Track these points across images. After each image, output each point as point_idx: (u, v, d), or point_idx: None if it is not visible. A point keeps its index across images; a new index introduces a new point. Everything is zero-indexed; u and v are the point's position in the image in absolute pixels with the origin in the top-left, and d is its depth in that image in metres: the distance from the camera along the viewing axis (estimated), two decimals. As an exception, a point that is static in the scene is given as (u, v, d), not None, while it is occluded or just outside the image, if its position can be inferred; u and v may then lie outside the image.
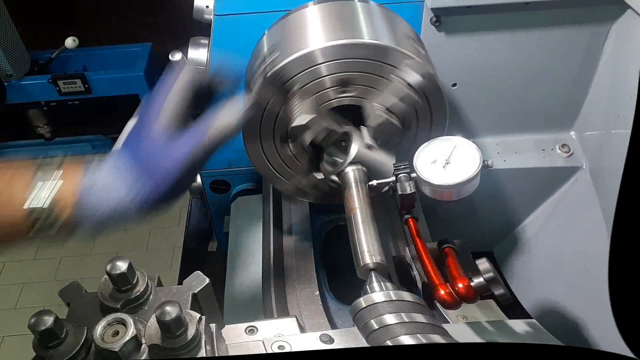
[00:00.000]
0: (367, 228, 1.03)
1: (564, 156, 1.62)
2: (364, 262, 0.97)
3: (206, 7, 1.42)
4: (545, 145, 1.65)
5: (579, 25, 1.40)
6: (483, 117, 1.61)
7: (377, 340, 0.83)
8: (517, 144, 1.66)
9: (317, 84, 1.10)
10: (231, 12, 1.32)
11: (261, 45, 1.24)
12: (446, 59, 1.45)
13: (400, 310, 0.86)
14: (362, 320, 0.88)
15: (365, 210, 1.06)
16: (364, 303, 0.89)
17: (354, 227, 1.04)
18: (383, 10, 1.24)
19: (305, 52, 1.07)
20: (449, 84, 1.50)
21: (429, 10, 1.35)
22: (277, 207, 1.53)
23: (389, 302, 0.87)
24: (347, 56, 1.08)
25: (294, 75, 1.09)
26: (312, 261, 1.38)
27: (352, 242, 1.02)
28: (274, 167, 1.26)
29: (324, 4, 1.21)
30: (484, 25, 1.39)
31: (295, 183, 1.29)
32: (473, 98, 1.55)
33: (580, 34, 1.42)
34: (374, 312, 0.87)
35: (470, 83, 1.51)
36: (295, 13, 1.23)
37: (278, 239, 1.46)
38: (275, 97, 1.11)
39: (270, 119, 1.15)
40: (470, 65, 1.48)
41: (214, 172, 1.69)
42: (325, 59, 1.08)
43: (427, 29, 1.38)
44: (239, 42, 1.34)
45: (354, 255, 1.01)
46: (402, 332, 0.81)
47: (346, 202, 1.09)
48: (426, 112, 1.19)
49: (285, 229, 1.49)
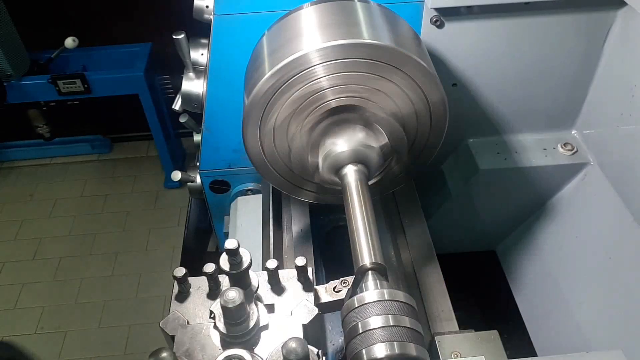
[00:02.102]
0: (366, 228, 1.02)
1: (567, 154, 1.62)
2: (363, 262, 0.97)
3: (206, 7, 1.42)
4: (546, 144, 1.65)
5: (579, 25, 1.40)
6: (483, 117, 1.61)
7: (353, 348, 0.84)
8: (518, 143, 1.67)
9: (317, 85, 1.10)
10: (231, 12, 1.32)
11: (261, 45, 1.24)
12: (446, 59, 1.45)
13: (389, 311, 0.86)
14: (348, 324, 0.88)
15: (365, 210, 1.06)
16: (356, 303, 0.89)
17: (354, 227, 1.03)
18: (383, 10, 1.24)
19: (305, 52, 1.07)
20: (449, 84, 1.49)
21: (429, 10, 1.34)
22: (277, 207, 1.53)
23: (380, 302, 0.87)
24: (347, 56, 1.08)
25: (293, 75, 1.09)
26: (312, 261, 1.38)
27: (351, 242, 1.02)
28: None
29: (323, 4, 1.21)
30: (484, 25, 1.39)
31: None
32: (473, 98, 1.55)
33: (581, 34, 1.42)
34: (362, 313, 0.87)
35: (470, 83, 1.51)
36: (295, 13, 1.22)
37: (278, 239, 1.46)
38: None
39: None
40: (470, 65, 1.48)
41: (214, 172, 1.69)
42: (323, 60, 1.08)
43: (427, 28, 1.38)
44: (239, 42, 1.34)
45: (352, 255, 1.01)
46: (379, 339, 0.82)
47: (346, 202, 1.09)
48: (426, 112, 1.19)
49: (285, 228, 1.49)
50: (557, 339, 1.68)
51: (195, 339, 0.89)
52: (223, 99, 1.46)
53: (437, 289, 1.34)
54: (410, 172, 1.36)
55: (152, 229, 3.71)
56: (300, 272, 0.97)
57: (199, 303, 0.95)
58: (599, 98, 1.52)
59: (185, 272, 0.94)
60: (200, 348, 0.88)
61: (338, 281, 1.02)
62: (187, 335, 0.89)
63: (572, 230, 1.67)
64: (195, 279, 0.97)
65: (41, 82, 3.35)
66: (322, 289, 1.01)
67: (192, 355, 0.86)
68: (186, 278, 0.95)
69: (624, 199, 1.44)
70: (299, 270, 0.97)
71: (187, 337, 0.89)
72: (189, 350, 0.87)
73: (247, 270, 0.91)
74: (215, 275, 0.94)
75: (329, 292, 1.01)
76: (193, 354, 0.86)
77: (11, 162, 4.22)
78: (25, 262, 3.56)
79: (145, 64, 3.41)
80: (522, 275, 1.89)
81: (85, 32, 3.47)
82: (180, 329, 0.90)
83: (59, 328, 3.19)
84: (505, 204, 1.81)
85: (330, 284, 1.02)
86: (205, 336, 0.89)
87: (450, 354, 1.12)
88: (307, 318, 0.91)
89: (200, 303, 0.95)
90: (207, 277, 0.94)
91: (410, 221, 1.52)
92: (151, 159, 4.18)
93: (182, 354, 0.86)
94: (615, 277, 1.48)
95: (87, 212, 3.85)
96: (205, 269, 0.92)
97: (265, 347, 0.87)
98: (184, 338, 0.89)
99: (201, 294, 0.96)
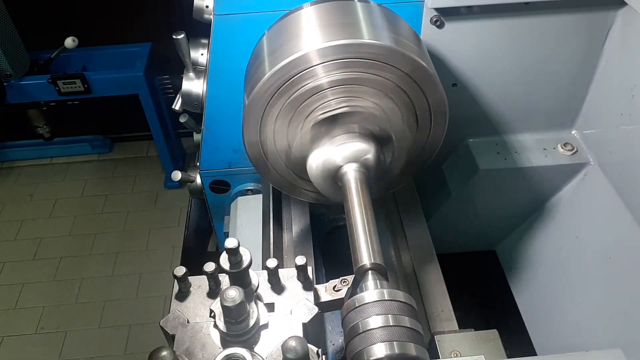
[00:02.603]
0: (366, 228, 1.02)
1: (567, 154, 1.62)
2: (362, 262, 0.97)
3: (206, 7, 1.42)
4: (546, 144, 1.65)
5: (579, 25, 1.40)
6: (483, 117, 1.61)
7: (353, 347, 0.84)
8: (518, 143, 1.67)
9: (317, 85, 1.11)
10: (231, 12, 1.32)
11: (261, 45, 1.24)
12: (446, 59, 1.45)
13: (389, 311, 0.86)
14: (348, 323, 0.88)
15: (365, 210, 1.06)
16: (356, 303, 0.89)
17: (354, 227, 1.03)
18: (383, 10, 1.24)
19: (305, 52, 1.07)
20: (449, 84, 1.49)
21: (429, 10, 1.34)
22: (277, 207, 1.53)
23: (380, 302, 0.88)
24: (347, 56, 1.08)
25: (293, 75, 1.09)
26: (312, 261, 1.38)
27: (351, 242, 1.02)
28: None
29: (323, 4, 1.21)
30: (484, 25, 1.39)
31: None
32: (473, 98, 1.55)
33: (581, 34, 1.42)
34: (362, 313, 0.87)
35: (470, 83, 1.51)
36: (295, 13, 1.22)
37: (278, 239, 1.46)
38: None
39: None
40: (470, 65, 1.48)
41: (213, 172, 1.69)
42: (323, 60, 1.08)
43: (427, 28, 1.38)
44: (239, 42, 1.34)
45: (352, 255, 1.01)
46: (379, 339, 0.82)
47: (346, 202, 1.09)
48: (426, 112, 1.19)
49: (285, 228, 1.49)
50: (557, 338, 1.68)
51: (195, 337, 0.89)
52: (223, 99, 1.46)
53: (437, 289, 1.34)
54: (410, 172, 1.36)
55: (152, 229, 3.71)
56: (300, 271, 0.98)
57: (199, 302, 0.95)
58: (599, 98, 1.52)
59: (186, 271, 0.94)
60: (201, 347, 0.88)
61: (338, 280, 1.02)
62: (187, 334, 0.89)
63: (572, 230, 1.67)
64: (195, 278, 0.97)
65: (41, 82, 3.34)
66: (322, 288, 1.01)
67: (192, 354, 0.86)
68: (186, 277, 0.95)
69: (624, 199, 1.44)
70: (298, 270, 0.98)
71: (187, 336, 0.89)
72: (189, 349, 0.87)
73: (247, 269, 0.91)
74: (215, 274, 0.94)
75: (329, 291, 1.01)
76: (193, 353, 0.86)
77: (11, 162, 4.23)
78: (25, 262, 3.56)
79: (145, 64, 3.41)
80: (522, 275, 1.89)
81: (85, 32, 3.46)
82: (181, 327, 0.90)
83: (59, 328, 3.19)
84: (505, 204, 1.81)
85: (330, 283, 1.02)
86: (205, 335, 0.89)
87: (450, 353, 1.12)
88: (307, 317, 0.91)
89: (201, 302, 0.95)
90: (207, 276, 0.94)
91: (410, 221, 1.52)
92: (151, 159, 4.18)
93: (182, 353, 0.86)
94: (615, 277, 1.48)
95: (87, 212, 3.85)
96: (206, 268, 0.92)
97: (265, 345, 0.87)
98: (184, 337, 0.89)
99: (201, 293, 0.96)
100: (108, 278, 3.44)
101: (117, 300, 3.31)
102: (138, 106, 3.49)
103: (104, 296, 3.34)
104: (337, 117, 1.14)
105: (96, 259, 3.56)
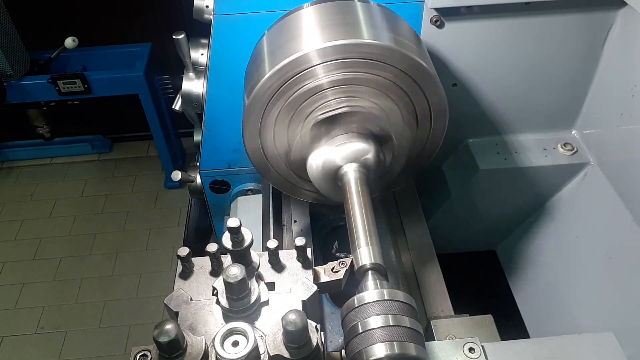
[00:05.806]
0: (366, 228, 1.02)
1: (567, 154, 1.62)
2: (362, 262, 0.97)
3: (206, 7, 1.42)
4: (546, 144, 1.65)
5: (579, 25, 1.40)
6: (483, 117, 1.61)
7: (353, 347, 0.85)
8: (518, 143, 1.67)
9: (317, 85, 1.10)
10: (231, 12, 1.32)
11: (261, 45, 1.24)
12: (446, 58, 1.45)
13: (389, 311, 0.86)
14: (349, 323, 0.88)
15: (365, 211, 1.06)
16: (356, 303, 0.89)
17: (353, 227, 1.03)
18: (383, 10, 1.24)
19: (305, 52, 1.07)
20: (449, 84, 1.49)
21: (429, 10, 1.34)
22: (277, 207, 1.53)
23: (379, 302, 0.88)
24: (347, 56, 1.08)
25: (293, 75, 1.09)
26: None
27: (350, 242, 1.02)
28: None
29: (323, 4, 1.21)
30: (484, 25, 1.39)
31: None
32: (473, 98, 1.55)
33: (581, 34, 1.42)
34: (362, 313, 0.88)
35: (470, 83, 1.51)
36: (295, 13, 1.22)
37: (278, 239, 1.45)
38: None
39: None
40: (470, 65, 1.48)
41: (214, 172, 1.69)
42: (324, 60, 1.08)
43: (427, 28, 1.38)
44: (239, 42, 1.34)
45: (352, 255, 1.01)
46: (379, 339, 0.83)
47: (346, 202, 1.09)
48: (426, 112, 1.19)
49: (285, 228, 1.49)
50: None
51: (198, 314, 0.91)
52: (223, 99, 1.46)
53: (437, 289, 1.34)
54: (410, 172, 1.36)
55: (152, 229, 3.71)
56: (300, 251, 1.00)
57: (202, 281, 0.97)
58: (599, 98, 1.52)
59: (189, 251, 0.96)
60: (204, 323, 0.90)
61: (336, 262, 1.04)
62: (191, 311, 0.91)
63: (572, 230, 1.68)
64: (198, 259, 1.00)
65: (41, 82, 3.35)
66: (321, 270, 1.04)
67: (196, 330, 0.88)
68: (190, 257, 0.97)
69: (624, 199, 1.45)
70: (298, 250, 1.00)
71: (190, 313, 0.91)
72: (193, 324, 0.89)
73: (248, 249, 0.94)
74: (218, 254, 0.96)
75: (328, 273, 1.03)
76: (196, 328, 0.89)
77: (11, 162, 4.23)
78: (25, 262, 3.56)
79: (145, 64, 3.41)
80: (522, 275, 1.89)
81: (85, 32, 3.47)
82: (184, 305, 0.92)
83: (59, 328, 3.19)
84: (505, 204, 1.81)
85: (329, 264, 1.05)
86: (208, 312, 0.91)
87: (446, 337, 1.15)
88: (306, 295, 0.94)
89: (203, 281, 0.97)
90: (210, 256, 0.96)
91: (410, 221, 1.52)
92: (151, 159, 4.18)
93: (186, 328, 0.87)
94: (615, 277, 1.48)
95: (87, 212, 3.86)
96: (209, 248, 0.94)
97: (266, 321, 0.90)
98: (188, 314, 0.91)
99: (204, 272, 0.98)
100: (108, 278, 3.44)
101: (117, 300, 3.31)
102: (138, 106, 3.49)
103: (104, 296, 3.34)
104: (337, 117, 1.14)
105: (96, 259, 3.56)
